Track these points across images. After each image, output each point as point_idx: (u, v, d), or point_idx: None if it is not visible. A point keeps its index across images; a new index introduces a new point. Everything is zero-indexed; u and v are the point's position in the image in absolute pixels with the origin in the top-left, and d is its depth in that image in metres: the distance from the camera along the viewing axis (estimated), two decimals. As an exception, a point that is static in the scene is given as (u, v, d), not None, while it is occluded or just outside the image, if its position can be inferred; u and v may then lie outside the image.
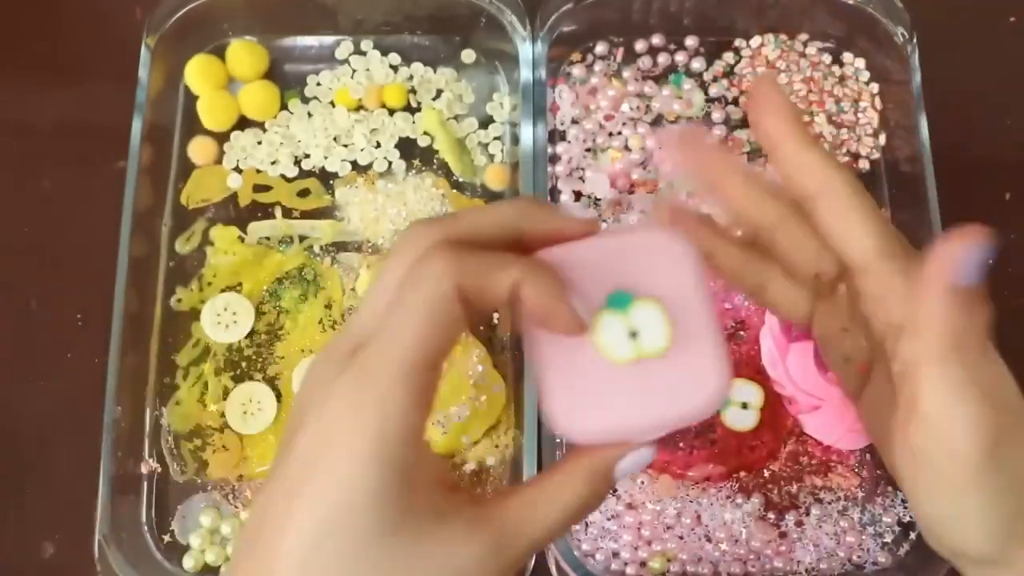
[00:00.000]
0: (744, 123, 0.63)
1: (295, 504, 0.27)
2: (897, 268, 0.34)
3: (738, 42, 0.65)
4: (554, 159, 0.61)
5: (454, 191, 0.60)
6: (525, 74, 0.60)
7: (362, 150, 0.61)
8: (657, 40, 0.64)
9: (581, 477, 0.30)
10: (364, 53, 0.64)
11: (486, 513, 0.29)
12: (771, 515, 0.55)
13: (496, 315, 0.57)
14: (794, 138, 0.35)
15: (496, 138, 0.62)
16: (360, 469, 0.26)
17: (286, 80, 0.63)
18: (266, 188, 0.60)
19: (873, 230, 0.34)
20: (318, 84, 0.63)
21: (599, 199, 0.61)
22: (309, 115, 0.62)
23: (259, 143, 0.61)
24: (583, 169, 0.62)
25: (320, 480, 0.27)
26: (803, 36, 0.64)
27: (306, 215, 0.60)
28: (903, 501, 0.55)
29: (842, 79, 0.64)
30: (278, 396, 0.56)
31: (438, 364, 0.28)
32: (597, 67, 0.64)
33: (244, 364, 0.57)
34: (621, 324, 0.30)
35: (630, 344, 0.30)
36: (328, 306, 0.57)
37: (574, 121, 0.63)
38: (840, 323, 0.37)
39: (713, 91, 0.63)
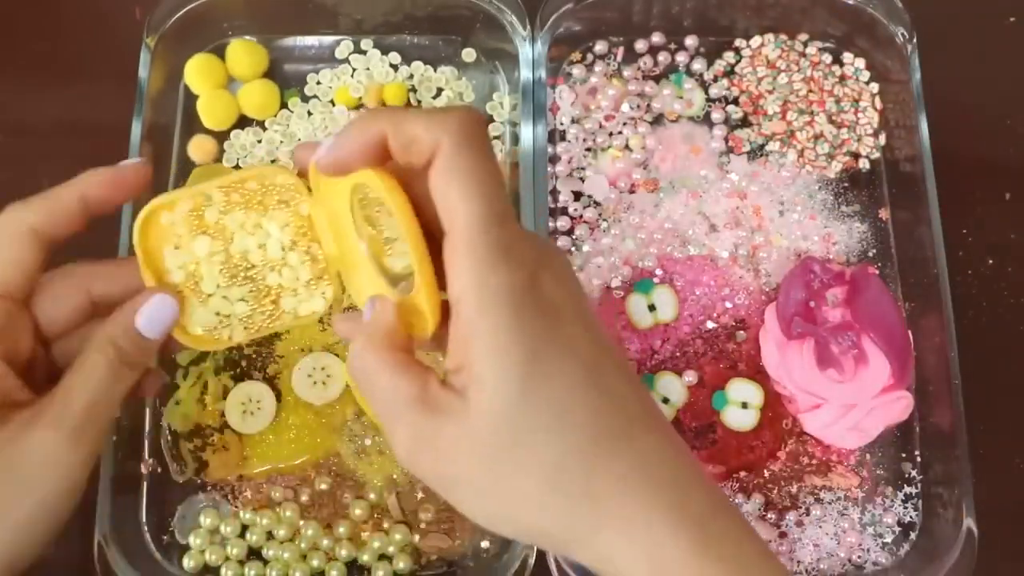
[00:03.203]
0: (744, 123, 0.63)
1: None
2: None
3: (738, 42, 0.65)
4: (554, 159, 0.61)
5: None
6: (525, 74, 0.60)
7: (362, 150, 0.61)
8: (657, 40, 0.64)
9: (101, 346, 0.37)
10: (364, 52, 0.64)
11: (37, 410, 0.36)
12: (771, 515, 0.55)
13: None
14: (393, 121, 0.33)
15: (496, 137, 0.62)
16: None
17: (286, 79, 0.63)
18: (266, 187, 0.60)
19: (463, 190, 0.32)
20: (318, 83, 0.63)
21: (598, 201, 0.61)
22: (309, 114, 0.62)
23: (259, 142, 0.61)
24: (583, 169, 0.62)
25: None
26: (803, 36, 0.64)
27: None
28: (904, 501, 0.55)
29: (842, 79, 0.64)
30: (278, 395, 0.56)
31: None
32: (597, 67, 0.64)
33: (244, 363, 0.57)
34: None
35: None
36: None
37: (574, 121, 0.63)
38: None
39: (713, 91, 0.64)
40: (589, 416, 0.31)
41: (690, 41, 0.64)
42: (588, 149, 0.62)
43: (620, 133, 0.62)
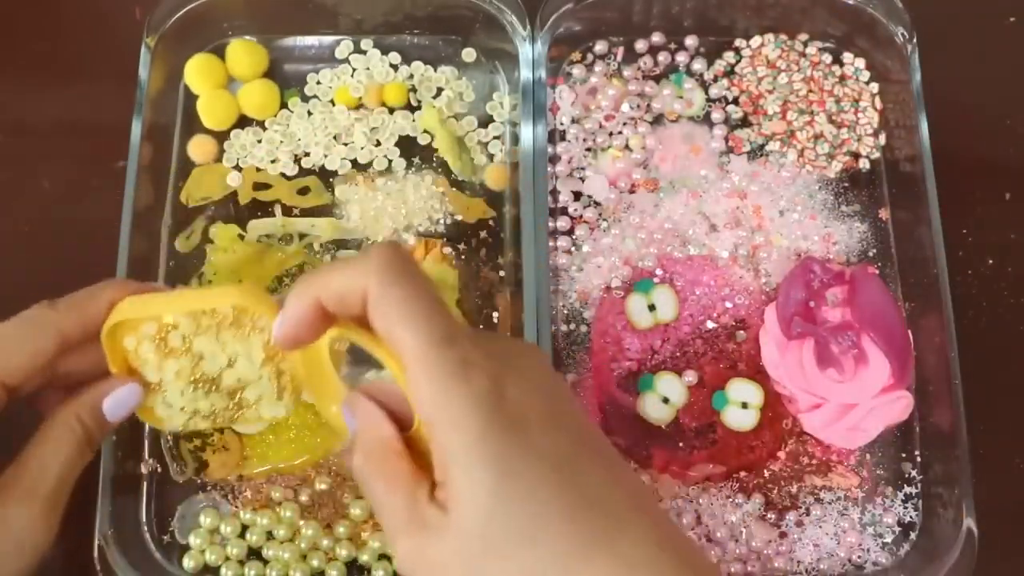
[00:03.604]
0: (744, 123, 0.63)
1: None
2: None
3: (738, 42, 0.65)
4: (554, 159, 0.61)
5: (454, 189, 0.61)
6: (525, 74, 0.60)
7: (362, 148, 0.61)
8: (657, 40, 0.64)
9: (70, 422, 0.39)
10: (364, 52, 0.64)
11: (7, 481, 0.38)
12: (771, 515, 0.55)
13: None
14: (319, 285, 0.35)
15: (496, 137, 0.62)
16: None
17: (286, 79, 0.63)
18: (266, 186, 0.60)
19: (402, 318, 0.33)
20: (318, 83, 0.63)
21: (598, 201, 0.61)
22: (309, 113, 0.62)
23: (259, 141, 0.61)
24: (583, 169, 0.62)
25: None
26: (803, 36, 0.65)
27: (306, 213, 0.60)
28: (904, 501, 0.55)
29: (842, 79, 0.64)
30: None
31: None
32: (597, 67, 0.64)
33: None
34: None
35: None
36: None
37: (574, 121, 0.63)
38: None
39: (713, 91, 0.64)
40: (564, 523, 0.32)
41: (690, 41, 0.64)
42: (588, 149, 0.62)
43: (620, 133, 0.62)
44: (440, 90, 0.63)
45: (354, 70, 0.63)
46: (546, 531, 0.32)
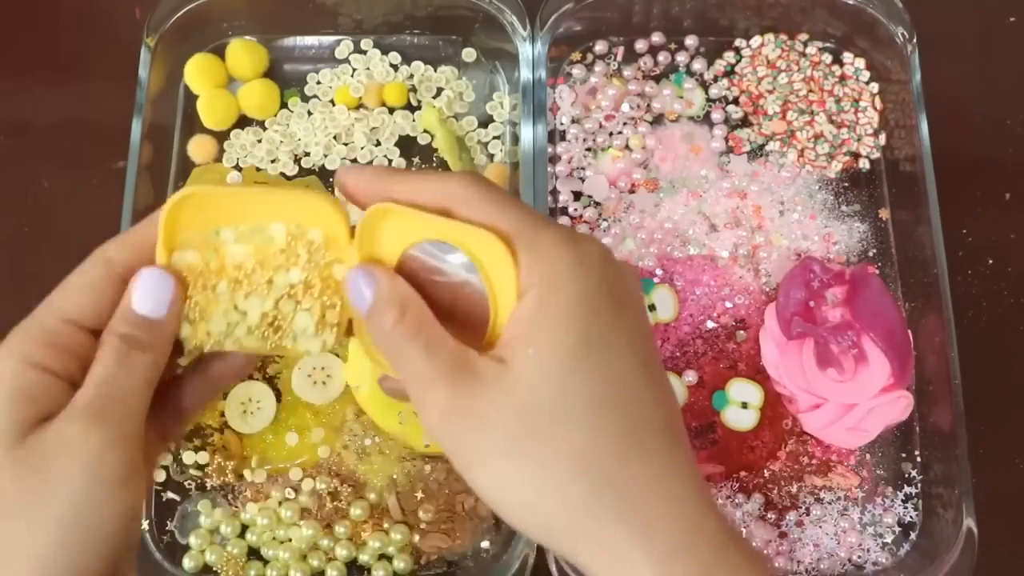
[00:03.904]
0: (744, 123, 0.63)
1: None
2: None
3: (738, 42, 0.65)
4: (554, 159, 0.61)
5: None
6: (525, 74, 0.60)
7: (362, 148, 0.61)
8: (657, 40, 0.64)
9: (106, 337, 0.35)
10: (364, 52, 0.64)
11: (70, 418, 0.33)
12: (771, 515, 0.55)
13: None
14: (398, 180, 0.34)
15: (496, 137, 0.62)
16: None
17: (286, 79, 0.63)
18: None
19: (504, 209, 0.33)
20: (318, 83, 0.63)
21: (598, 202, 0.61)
22: (309, 113, 0.62)
23: (259, 141, 0.61)
24: (583, 169, 0.62)
25: None
26: (803, 36, 0.65)
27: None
28: (904, 501, 0.55)
29: (842, 79, 0.64)
30: (278, 395, 0.56)
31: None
32: (597, 67, 0.64)
33: (244, 363, 0.57)
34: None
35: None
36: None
37: (574, 121, 0.63)
38: None
39: (713, 91, 0.64)
40: (631, 410, 0.31)
41: (690, 41, 0.64)
42: (588, 149, 0.62)
43: (620, 133, 0.62)
44: (440, 90, 0.63)
45: (354, 70, 0.63)
46: (611, 416, 0.31)
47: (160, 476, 0.54)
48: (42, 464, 0.32)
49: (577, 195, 0.61)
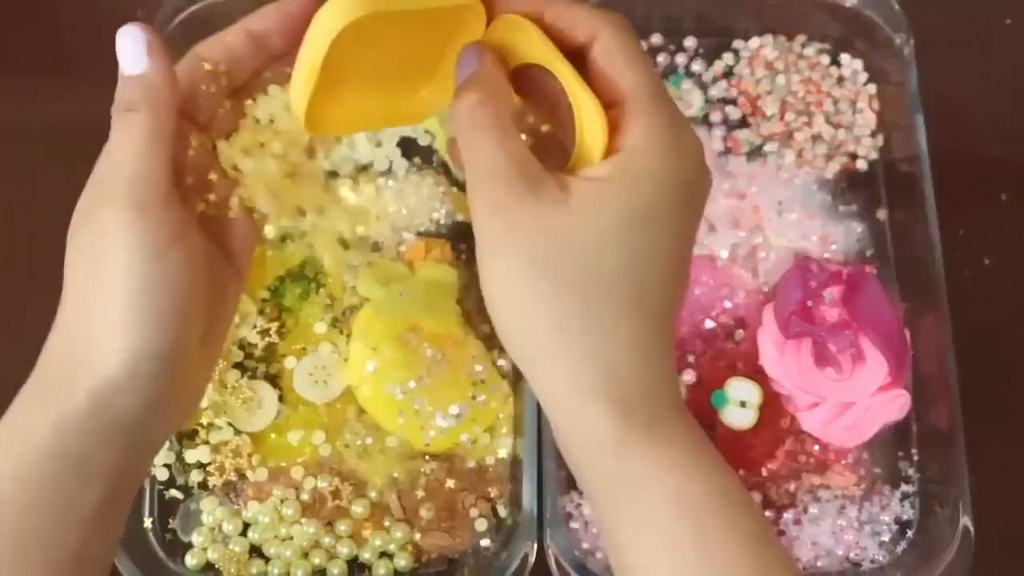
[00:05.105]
0: (742, 123, 0.63)
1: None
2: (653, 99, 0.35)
3: (737, 43, 0.65)
4: (554, 159, 0.62)
5: (454, 189, 0.61)
6: (525, 75, 0.60)
7: (362, 148, 0.62)
8: (656, 41, 0.65)
9: (114, 110, 0.36)
10: (365, 53, 0.64)
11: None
12: (769, 513, 0.55)
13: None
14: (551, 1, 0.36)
15: (496, 138, 0.62)
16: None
17: (286, 80, 0.63)
18: (267, 188, 0.61)
19: (635, 68, 0.35)
20: (319, 84, 0.63)
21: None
22: (310, 115, 0.62)
23: (261, 145, 0.62)
24: (583, 169, 0.62)
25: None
26: (801, 37, 0.65)
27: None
28: (901, 499, 0.56)
29: (840, 80, 0.64)
30: (279, 396, 0.56)
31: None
32: (597, 68, 0.64)
33: (245, 361, 0.57)
34: None
35: None
36: (329, 304, 0.58)
37: (574, 121, 0.63)
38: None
39: (712, 92, 0.64)
40: (649, 288, 0.33)
41: (689, 42, 0.65)
42: (588, 150, 0.62)
43: (619, 134, 0.63)
44: (440, 91, 0.63)
45: (355, 71, 0.64)
46: (633, 282, 0.33)
47: (163, 475, 0.55)
48: (91, 245, 0.35)
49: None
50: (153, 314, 0.33)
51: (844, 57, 0.64)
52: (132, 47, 0.36)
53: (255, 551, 0.54)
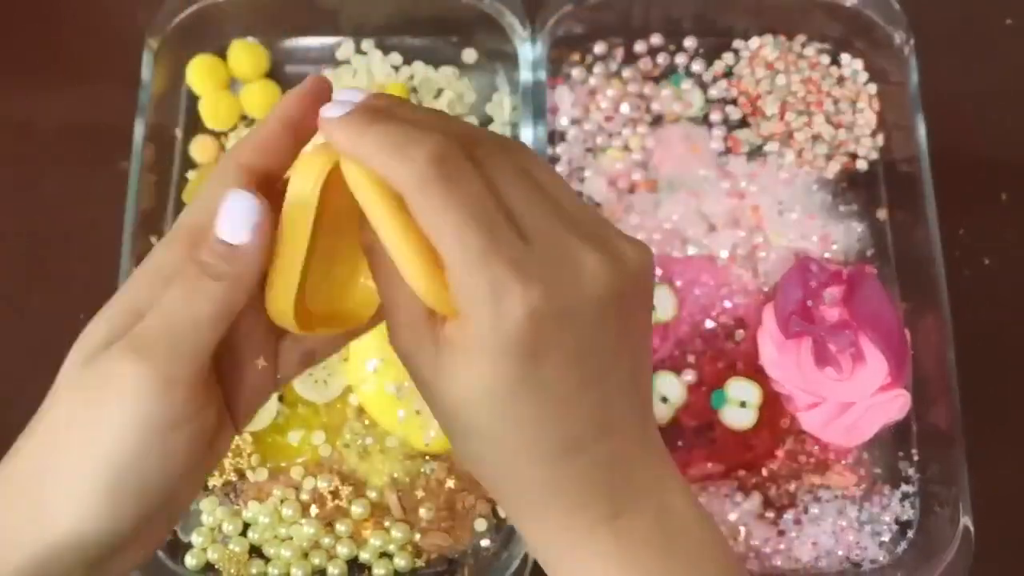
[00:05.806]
0: (743, 123, 0.63)
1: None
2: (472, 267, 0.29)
3: (737, 43, 0.65)
4: (554, 160, 0.62)
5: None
6: (525, 75, 0.60)
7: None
8: (656, 41, 0.65)
9: (185, 267, 0.31)
10: (365, 53, 0.64)
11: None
12: (770, 513, 0.55)
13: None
14: (367, 136, 0.30)
15: (496, 138, 0.62)
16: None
17: (288, 80, 0.63)
18: (267, 188, 0.61)
19: (439, 234, 0.29)
20: (319, 84, 0.63)
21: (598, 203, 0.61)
22: (310, 115, 0.63)
23: (261, 143, 0.62)
24: (583, 170, 0.62)
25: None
26: (801, 37, 0.65)
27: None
28: (901, 499, 0.56)
29: (840, 80, 0.64)
30: (279, 396, 0.56)
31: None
32: (597, 68, 0.64)
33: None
34: None
35: None
36: (329, 305, 0.58)
37: (574, 122, 0.63)
38: None
39: (712, 92, 0.64)
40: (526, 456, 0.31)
41: (689, 42, 0.65)
42: (588, 150, 0.63)
43: (620, 134, 0.63)
44: (441, 91, 0.63)
45: (355, 71, 0.64)
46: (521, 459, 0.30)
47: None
48: (96, 395, 0.30)
49: (577, 195, 0.61)
50: (130, 495, 0.30)
51: (844, 57, 0.64)
52: (241, 217, 0.31)
53: (255, 551, 0.54)
